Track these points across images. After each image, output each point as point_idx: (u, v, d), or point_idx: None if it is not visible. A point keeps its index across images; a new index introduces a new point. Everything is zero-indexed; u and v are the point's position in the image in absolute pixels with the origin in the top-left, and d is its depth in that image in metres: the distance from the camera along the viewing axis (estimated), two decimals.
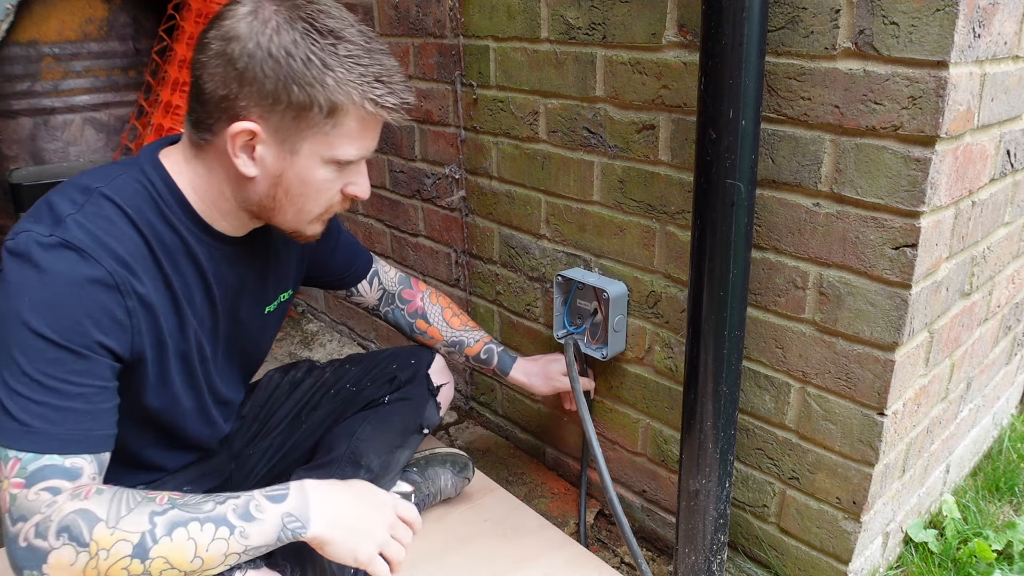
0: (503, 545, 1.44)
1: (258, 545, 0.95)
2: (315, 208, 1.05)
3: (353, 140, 1.00)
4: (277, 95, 0.94)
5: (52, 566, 0.86)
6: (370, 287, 1.51)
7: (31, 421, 0.89)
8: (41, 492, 0.88)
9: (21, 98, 2.25)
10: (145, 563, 0.88)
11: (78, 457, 0.92)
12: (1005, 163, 1.25)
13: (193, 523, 0.91)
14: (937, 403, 1.36)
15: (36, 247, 0.91)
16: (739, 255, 1.12)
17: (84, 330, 0.92)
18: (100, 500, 0.89)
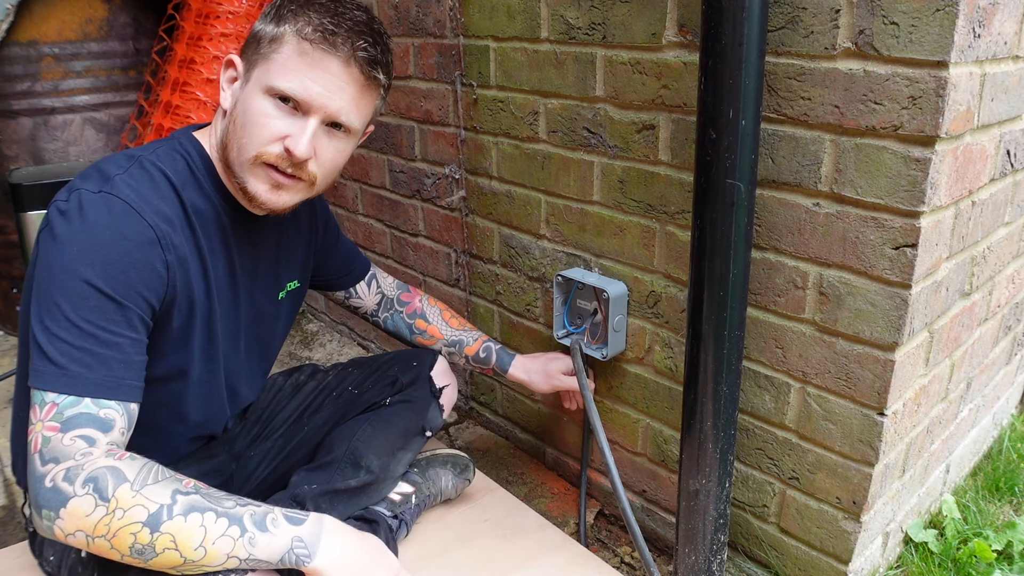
0: (503, 545, 1.44)
1: (261, 558, 0.95)
2: (249, 144, 1.04)
3: (288, 71, 1.02)
4: (253, 31, 1.07)
5: (70, 511, 0.88)
6: (368, 290, 1.52)
7: (68, 364, 0.92)
8: (77, 439, 0.91)
9: (21, 98, 2.25)
10: (154, 535, 0.89)
11: (111, 407, 0.94)
12: (1005, 163, 1.25)
13: (210, 512, 0.92)
14: (937, 403, 1.36)
15: (85, 201, 0.96)
16: (739, 255, 1.12)
17: (128, 280, 0.96)
18: (132, 464, 0.92)
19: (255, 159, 1.05)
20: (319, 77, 1.02)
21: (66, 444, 0.90)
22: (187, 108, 2.15)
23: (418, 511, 1.47)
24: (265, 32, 1.05)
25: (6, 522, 1.68)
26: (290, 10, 1.03)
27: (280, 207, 1.10)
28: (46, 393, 0.92)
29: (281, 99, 1.03)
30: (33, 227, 2.16)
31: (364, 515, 1.37)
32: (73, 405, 0.92)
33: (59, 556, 1.13)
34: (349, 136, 1.10)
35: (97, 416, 0.93)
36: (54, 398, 0.92)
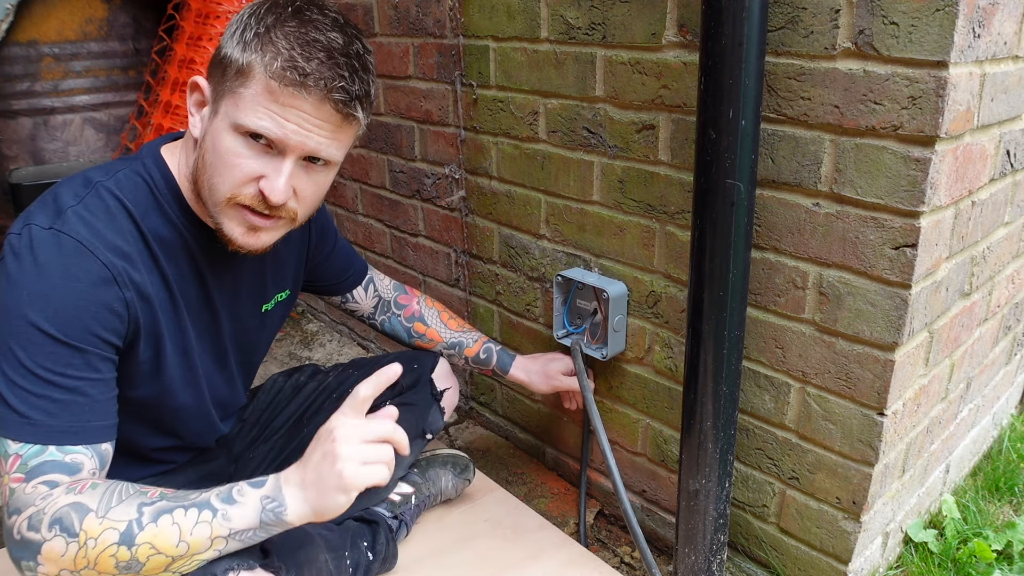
0: (503, 545, 1.44)
1: (241, 528, 0.93)
2: (221, 184, 0.97)
3: (257, 107, 0.93)
4: (219, 53, 0.97)
5: (45, 556, 0.87)
6: (365, 294, 1.51)
7: (30, 413, 0.90)
8: (39, 486, 0.89)
9: (21, 98, 2.25)
10: (132, 549, 0.88)
11: (78, 451, 0.92)
12: (1005, 163, 1.25)
13: (178, 509, 0.91)
14: (937, 403, 1.36)
15: (36, 239, 0.92)
16: (739, 255, 1.12)
17: (82, 324, 0.92)
18: (93, 493, 0.90)
19: (228, 200, 0.98)
20: (292, 116, 0.93)
21: (27, 493, 0.89)
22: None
23: (418, 511, 1.47)
24: (231, 59, 0.94)
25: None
26: (256, 34, 0.93)
27: (260, 248, 1.03)
28: (9, 443, 0.90)
29: (253, 136, 0.94)
30: None
31: (364, 515, 1.37)
32: (38, 454, 0.90)
33: None
34: (329, 167, 1.02)
35: (63, 462, 0.91)
36: (17, 448, 0.90)
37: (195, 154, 1.01)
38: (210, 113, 0.98)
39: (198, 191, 1.02)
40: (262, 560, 1.08)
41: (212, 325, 1.15)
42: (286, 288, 1.31)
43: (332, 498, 0.93)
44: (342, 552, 1.26)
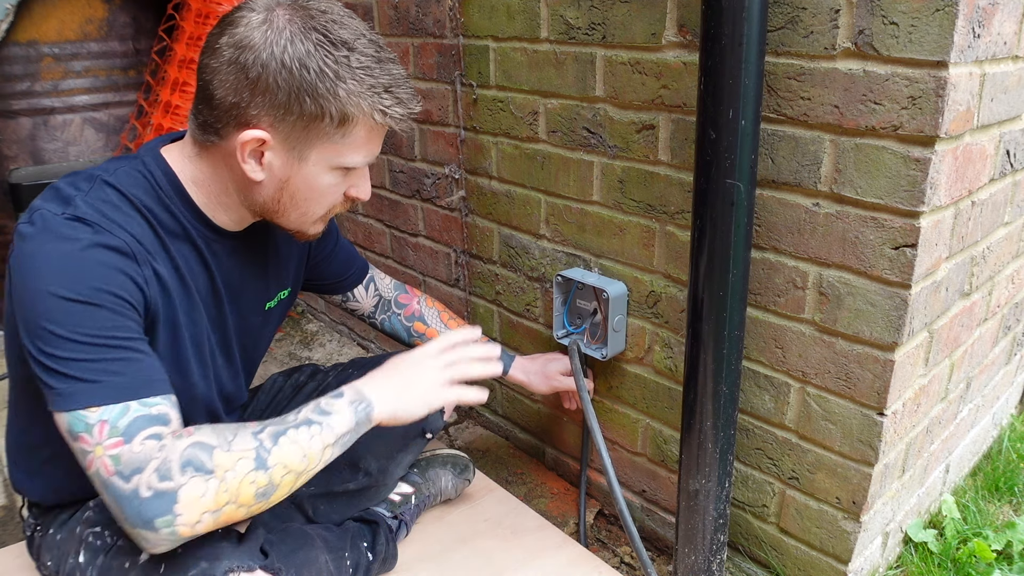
0: (503, 545, 1.44)
1: (342, 432, 1.02)
2: (318, 210, 1.07)
3: (360, 148, 1.02)
4: (289, 105, 0.95)
5: (183, 503, 0.88)
6: (366, 292, 1.51)
7: (95, 377, 0.90)
8: (145, 442, 0.89)
9: (21, 98, 2.25)
10: (268, 472, 0.94)
11: (158, 403, 0.93)
12: (1005, 163, 1.25)
13: (290, 430, 0.97)
14: (937, 403, 1.36)
15: (50, 223, 0.93)
16: (739, 255, 1.12)
17: (108, 289, 0.92)
18: (205, 433, 0.93)
19: (323, 217, 1.09)
20: (382, 140, 1.06)
21: (138, 451, 0.88)
22: (187, 108, 2.15)
23: (418, 511, 1.47)
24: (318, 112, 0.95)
25: (6, 522, 1.68)
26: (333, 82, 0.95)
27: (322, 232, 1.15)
28: (87, 415, 0.89)
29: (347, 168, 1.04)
30: None
31: (364, 516, 1.37)
32: (123, 414, 0.89)
33: (56, 561, 1.13)
34: None
35: (151, 415, 0.91)
36: (100, 415, 0.89)
37: (264, 193, 1.04)
38: (290, 160, 1.00)
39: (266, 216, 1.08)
40: (262, 561, 1.08)
41: (219, 318, 1.16)
42: (287, 287, 1.31)
43: (414, 406, 1.07)
44: (342, 553, 1.26)
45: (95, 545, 1.10)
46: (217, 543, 1.05)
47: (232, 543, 1.08)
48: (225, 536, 1.09)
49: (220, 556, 1.02)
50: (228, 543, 1.07)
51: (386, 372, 1.09)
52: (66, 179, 1.01)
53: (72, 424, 0.89)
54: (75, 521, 1.14)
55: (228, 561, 1.01)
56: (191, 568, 1.00)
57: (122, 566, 1.05)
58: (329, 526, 1.31)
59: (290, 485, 0.97)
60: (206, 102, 0.98)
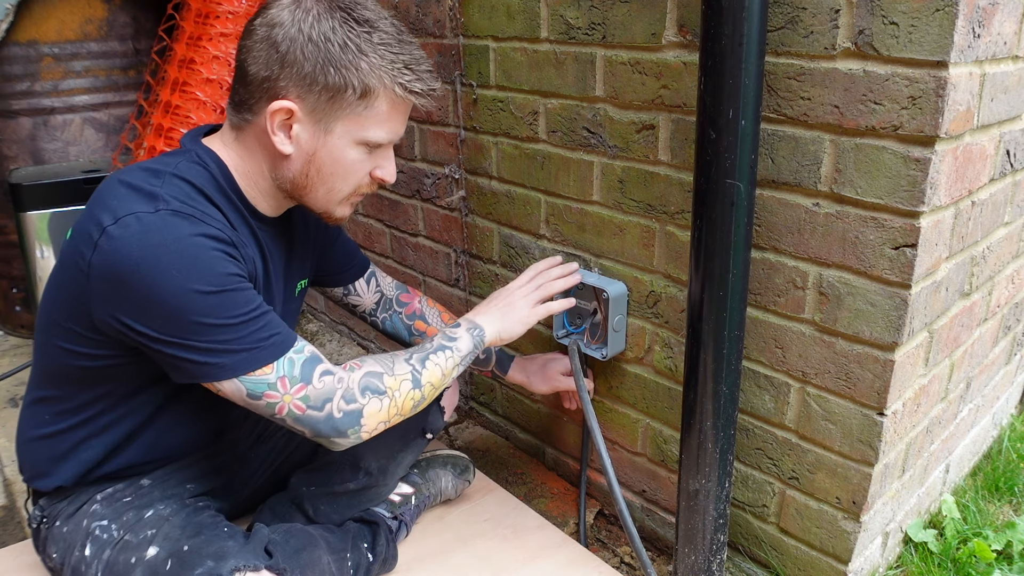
0: (503, 545, 1.44)
1: (466, 352, 1.23)
2: (344, 188, 1.12)
3: (383, 123, 1.07)
4: (315, 76, 1.02)
5: (367, 416, 1.09)
6: (367, 287, 1.51)
7: (254, 345, 1.01)
8: (323, 378, 1.06)
9: (21, 98, 2.25)
10: (422, 389, 1.15)
11: (307, 345, 1.07)
12: (1005, 163, 1.25)
13: (431, 354, 1.18)
14: (937, 403, 1.36)
15: (150, 224, 0.97)
16: (739, 255, 1.12)
17: (229, 271, 1.01)
18: (370, 363, 1.12)
19: (348, 197, 1.14)
20: (405, 118, 1.11)
21: (319, 387, 1.05)
22: (187, 108, 2.15)
23: (418, 512, 1.47)
24: (342, 83, 1.02)
25: (6, 522, 1.68)
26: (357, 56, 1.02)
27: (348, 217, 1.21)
28: (264, 376, 1.02)
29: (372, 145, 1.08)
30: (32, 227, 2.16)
31: (364, 516, 1.37)
32: (292, 365, 1.04)
33: (62, 553, 1.14)
34: None
35: (314, 356, 1.07)
36: (277, 372, 1.03)
37: (293, 168, 1.09)
38: (317, 132, 1.06)
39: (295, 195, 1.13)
40: (267, 561, 1.08)
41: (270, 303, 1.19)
42: (306, 275, 1.35)
43: (515, 326, 1.30)
44: (343, 553, 1.26)
45: (101, 539, 1.10)
46: (223, 542, 1.06)
47: (238, 542, 1.09)
48: (231, 535, 1.10)
49: (226, 555, 1.03)
50: (234, 542, 1.07)
51: (489, 304, 1.32)
52: (131, 176, 1.03)
53: (253, 388, 1.03)
54: (82, 514, 1.14)
55: (234, 560, 1.02)
56: (198, 566, 1.01)
57: (128, 561, 1.06)
58: (330, 527, 1.32)
59: (432, 397, 1.18)
60: (241, 80, 1.06)
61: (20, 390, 2.18)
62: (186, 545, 1.05)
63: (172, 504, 1.18)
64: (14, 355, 2.40)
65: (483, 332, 1.26)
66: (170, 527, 1.12)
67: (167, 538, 1.10)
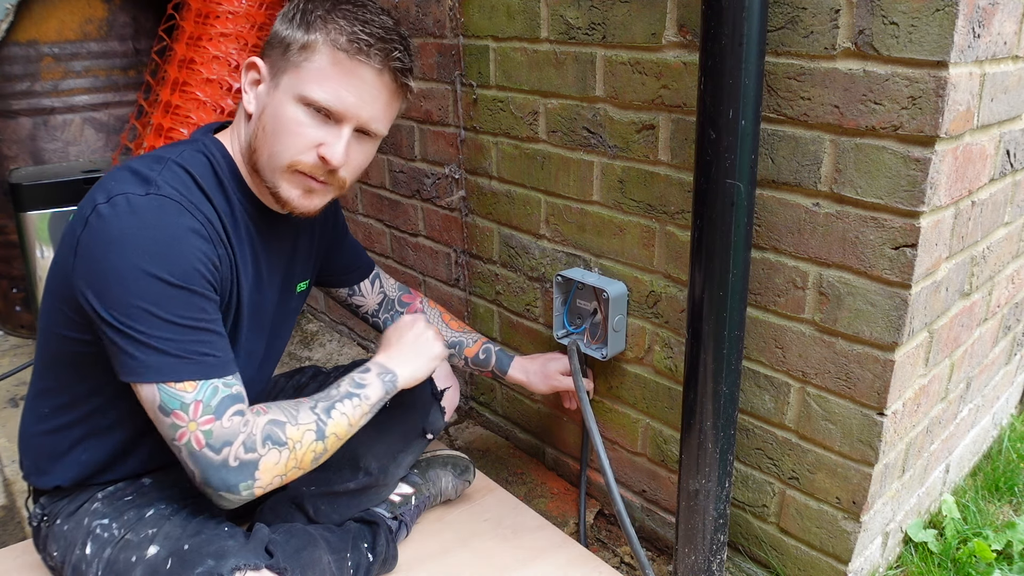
0: (503, 545, 1.44)
1: (376, 400, 1.17)
2: (283, 152, 1.06)
3: (322, 80, 1.03)
4: (276, 33, 1.06)
5: (263, 470, 1.02)
6: (372, 288, 1.52)
7: (187, 355, 0.98)
8: (232, 418, 1.01)
9: (21, 98, 2.25)
10: (324, 442, 1.09)
11: (235, 382, 1.03)
12: (1005, 163, 1.25)
13: (338, 403, 1.12)
14: (937, 403, 1.36)
15: (135, 203, 0.97)
16: (739, 255, 1.12)
17: (196, 271, 0.99)
18: (276, 410, 1.06)
19: (289, 167, 1.07)
20: (353, 86, 1.04)
21: (227, 427, 1.00)
22: (187, 108, 2.15)
23: (418, 512, 1.47)
24: (294, 38, 1.04)
25: (6, 522, 1.68)
26: (318, 16, 1.03)
27: (312, 210, 1.13)
28: (183, 394, 0.98)
29: (314, 107, 1.04)
30: (32, 227, 2.16)
31: (364, 516, 1.37)
32: (213, 395, 1.00)
33: (63, 551, 1.14)
34: (374, 140, 1.14)
35: (233, 394, 1.02)
36: (195, 395, 0.98)
37: (251, 127, 1.09)
38: (269, 88, 1.06)
39: (254, 163, 1.10)
40: (267, 560, 1.08)
41: (262, 304, 1.20)
42: (308, 277, 1.35)
43: (427, 366, 1.26)
44: (344, 553, 1.26)
45: (103, 537, 1.10)
46: (224, 541, 1.06)
47: (238, 542, 1.09)
48: (231, 535, 1.10)
49: (227, 554, 1.03)
50: (234, 542, 1.08)
51: (400, 343, 1.26)
52: (135, 161, 1.05)
53: (166, 401, 0.98)
54: (83, 512, 1.14)
55: (235, 559, 1.02)
56: (198, 565, 1.01)
57: (128, 560, 1.06)
58: (331, 527, 1.32)
59: (336, 449, 1.12)
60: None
61: (20, 390, 2.18)
62: (187, 544, 1.05)
63: (173, 503, 1.18)
64: (14, 355, 2.40)
65: (395, 377, 1.21)
66: (171, 526, 1.12)
67: (168, 537, 1.10)
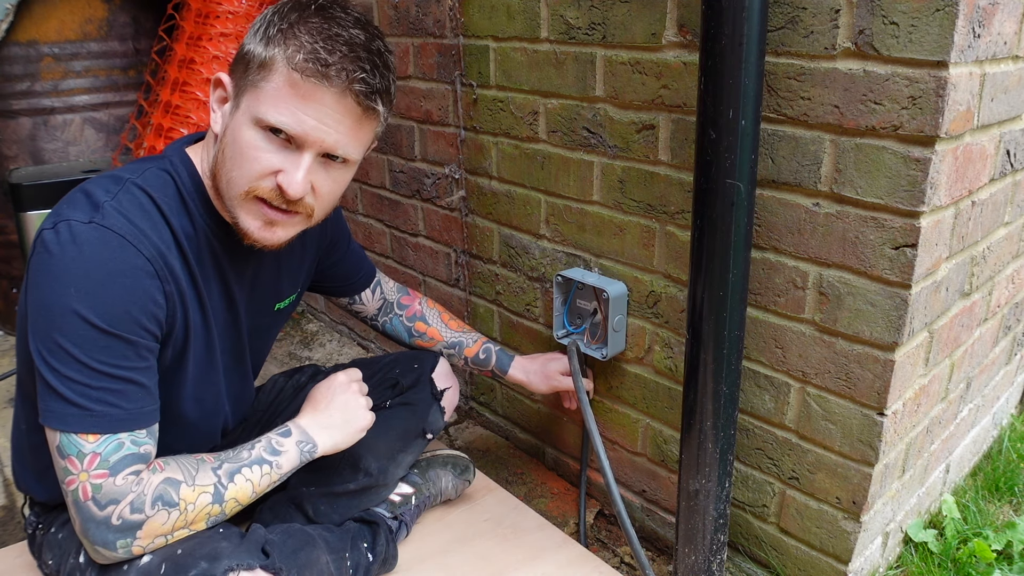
0: (503, 545, 1.44)
1: (289, 469, 1.12)
2: (239, 178, 0.98)
3: (278, 101, 0.94)
4: (242, 49, 0.99)
5: (147, 531, 0.98)
6: (372, 296, 1.52)
7: (91, 405, 0.94)
8: (127, 477, 0.96)
9: (21, 98, 2.25)
10: (222, 505, 1.04)
11: (144, 440, 0.99)
12: (1005, 163, 1.25)
13: (244, 468, 1.06)
14: (937, 403, 1.36)
15: (77, 233, 0.93)
16: (739, 255, 1.12)
17: (131, 316, 0.95)
18: (174, 467, 1.01)
19: (246, 193, 0.99)
20: (312, 110, 0.94)
21: (119, 485, 0.96)
22: (187, 108, 2.15)
23: (418, 512, 1.47)
24: (254, 54, 0.96)
25: (6, 522, 1.68)
26: (280, 29, 0.95)
27: (275, 243, 1.04)
28: (82, 442, 0.94)
29: (272, 131, 0.96)
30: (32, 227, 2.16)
31: (364, 516, 1.37)
32: (116, 451, 0.96)
33: (58, 560, 1.13)
34: (348, 165, 1.04)
35: (138, 453, 0.98)
36: (95, 447, 0.94)
37: (215, 148, 1.03)
38: (231, 108, 1.00)
39: (216, 185, 1.04)
40: (263, 561, 1.08)
41: (233, 323, 1.17)
42: (297, 289, 1.33)
43: (352, 438, 1.19)
44: (343, 553, 1.26)
45: None
46: (217, 543, 1.05)
47: (232, 543, 1.08)
48: (226, 536, 1.09)
49: (220, 556, 1.02)
50: (228, 543, 1.07)
51: (326, 411, 1.19)
52: (94, 182, 1.01)
53: (65, 445, 0.95)
54: None
55: (228, 560, 1.01)
56: (191, 568, 1.00)
57: (121, 568, 1.05)
58: (330, 527, 1.31)
59: (234, 512, 1.07)
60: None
61: None
62: (180, 548, 1.04)
63: None
64: (14, 355, 2.40)
65: (314, 448, 1.14)
66: None
67: None
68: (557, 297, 1.54)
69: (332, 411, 1.19)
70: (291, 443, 1.12)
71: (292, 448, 1.12)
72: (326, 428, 1.17)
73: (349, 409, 1.20)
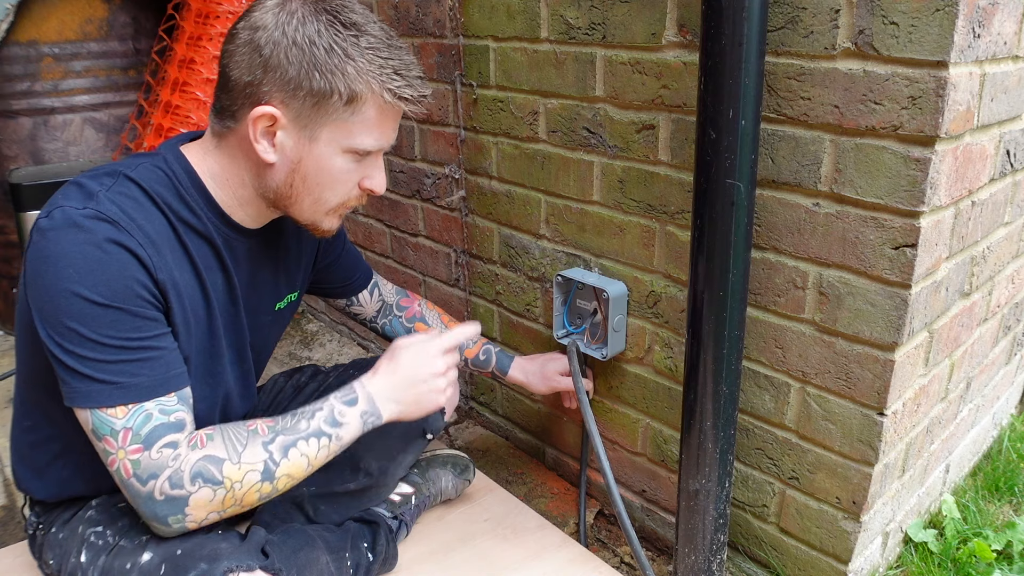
0: (503, 545, 1.44)
1: (348, 440, 1.10)
2: (332, 198, 1.07)
3: (371, 130, 1.02)
4: (299, 81, 0.97)
5: (194, 506, 0.99)
6: (370, 297, 1.52)
7: (113, 378, 0.95)
8: (162, 450, 0.97)
9: (21, 98, 2.25)
10: (273, 483, 1.03)
11: (175, 407, 0.99)
12: (1005, 163, 1.25)
13: (300, 442, 1.04)
14: (937, 403, 1.36)
15: (72, 219, 0.94)
16: (739, 255, 1.12)
17: (131, 290, 0.96)
18: (215, 444, 1.00)
19: (337, 207, 1.08)
20: (395, 125, 1.06)
21: (155, 459, 0.96)
22: (187, 108, 2.15)
23: (418, 512, 1.47)
24: (328, 89, 0.98)
25: (6, 522, 1.68)
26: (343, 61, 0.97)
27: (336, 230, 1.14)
28: (113, 420, 0.95)
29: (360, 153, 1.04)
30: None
31: (364, 516, 1.37)
32: (145, 422, 0.96)
33: (59, 559, 1.13)
34: None
35: (169, 422, 0.98)
36: (125, 422, 0.95)
37: (278, 176, 1.05)
38: (301, 139, 1.02)
39: (278, 205, 1.08)
40: (262, 561, 1.08)
41: (235, 318, 1.17)
42: (296, 289, 1.32)
43: (418, 415, 1.15)
44: (342, 553, 1.26)
45: (97, 545, 1.10)
46: (216, 544, 1.05)
47: (232, 544, 1.09)
48: (225, 537, 1.09)
49: (219, 557, 1.02)
50: (228, 544, 1.07)
51: (402, 381, 1.14)
52: (88, 174, 1.02)
53: (97, 426, 0.96)
54: (77, 520, 1.14)
55: (227, 562, 1.02)
56: (191, 569, 1.00)
57: (123, 567, 1.06)
58: (330, 527, 1.32)
59: (290, 486, 1.06)
60: (223, 86, 1.02)
61: None
62: (179, 549, 1.05)
63: None
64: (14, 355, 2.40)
65: (379, 420, 1.12)
66: None
67: (161, 542, 1.09)
68: (557, 297, 1.54)
69: (408, 383, 1.14)
70: (355, 414, 1.10)
71: (355, 420, 1.09)
72: (397, 402, 1.13)
73: (426, 391, 1.15)
